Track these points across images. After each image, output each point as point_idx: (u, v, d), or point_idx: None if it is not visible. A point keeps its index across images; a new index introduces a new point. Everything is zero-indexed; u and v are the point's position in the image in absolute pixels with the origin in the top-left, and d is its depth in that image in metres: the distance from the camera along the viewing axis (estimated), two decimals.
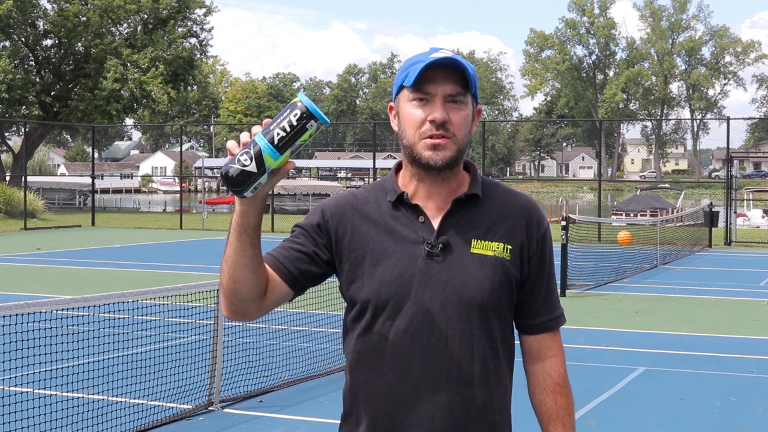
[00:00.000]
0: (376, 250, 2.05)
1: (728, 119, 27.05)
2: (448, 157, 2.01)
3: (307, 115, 1.82)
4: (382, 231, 2.06)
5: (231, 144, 1.87)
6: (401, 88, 2.06)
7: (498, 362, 2.07)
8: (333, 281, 2.19)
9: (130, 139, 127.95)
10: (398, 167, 2.14)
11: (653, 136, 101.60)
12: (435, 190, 2.07)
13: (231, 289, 1.98)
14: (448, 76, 2.00)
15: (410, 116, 2.03)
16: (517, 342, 2.20)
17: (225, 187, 1.87)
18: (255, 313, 2.05)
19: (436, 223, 2.05)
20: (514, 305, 2.13)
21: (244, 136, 1.87)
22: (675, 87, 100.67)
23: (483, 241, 2.04)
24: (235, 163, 1.81)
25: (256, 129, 1.87)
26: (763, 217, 32.69)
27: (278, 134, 1.82)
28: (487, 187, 2.11)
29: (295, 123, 1.82)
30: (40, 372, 6.20)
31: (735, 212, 26.00)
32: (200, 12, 45.40)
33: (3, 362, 5.92)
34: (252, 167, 1.80)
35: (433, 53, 2.02)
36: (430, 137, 2.00)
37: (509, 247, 2.06)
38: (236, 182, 1.81)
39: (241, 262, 1.94)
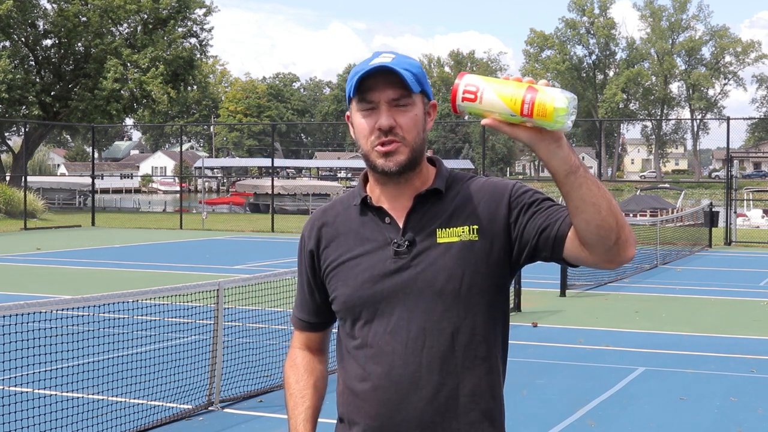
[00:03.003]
0: (347, 258, 2.10)
1: (728, 119, 27.05)
2: (401, 162, 2.03)
3: None
4: (351, 239, 2.11)
5: None
6: (351, 98, 2.08)
7: (486, 347, 2.06)
8: None
9: (130, 139, 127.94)
10: (366, 177, 2.17)
11: (653, 136, 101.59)
12: (400, 191, 2.09)
13: None
14: (388, 81, 2.01)
15: (360, 126, 2.05)
16: (516, 341, 2.19)
17: None
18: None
19: (401, 222, 2.07)
20: (504, 284, 2.10)
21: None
22: (675, 87, 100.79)
23: (447, 229, 2.05)
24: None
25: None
26: (763, 217, 32.68)
27: None
28: (453, 181, 2.12)
29: None
30: (40, 372, 6.20)
31: (735, 212, 25.99)
32: (200, 12, 45.43)
33: (3, 362, 5.92)
34: None
35: (374, 59, 2.04)
36: (381, 144, 2.02)
37: (475, 227, 2.04)
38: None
39: None
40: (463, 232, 2.04)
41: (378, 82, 2.01)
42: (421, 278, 2.03)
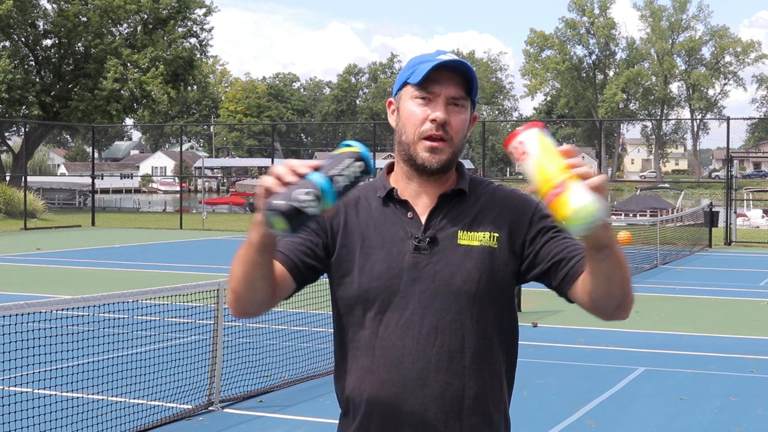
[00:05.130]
0: (366, 245, 2.08)
1: (728, 119, 27.07)
2: (443, 161, 2.05)
3: (366, 171, 1.81)
4: (372, 227, 2.10)
5: (271, 181, 1.76)
6: (404, 84, 2.09)
7: (492, 353, 2.07)
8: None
9: (130, 139, 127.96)
10: (389, 168, 2.18)
11: (653, 136, 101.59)
12: (424, 189, 2.10)
13: (248, 298, 2.00)
14: (453, 79, 2.04)
15: (412, 114, 2.06)
16: (523, 341, 2.19)
17: (277, 225, 1.72)
18: (265, 311, 2.08)
19: (423, 219, 2.08)
20: (512, 295, 2.14)
21: (289, 173, 1.76)
22: (675, 87, 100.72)
23: (469, 232, 2.06)
24: (292, 200, 1.72)
25: (306, 169, 1.76)
26: (763, 217, 32.67)
27: (344, 183, 1.78)
28: (474, 183, 2.15)
29: (359, 175, 1.80)
30: (40, 372, 6.20)
31: (735, 212, 26.00)
32: (200, 12, 45.44)
33: (3, 362, 5.92)
34: (313, 208, 1.73)
35: (441, 55, 2.05)
36: (430, 138, 2.04)
37: (496, 235, 2.07)
38: (290, 218, 1.73)
39: (260, 275, 1.95)
40: (484, 237, 2.06)
41: (443, 77, 2.04)
42: (439, 277, 2.04)
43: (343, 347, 2.13)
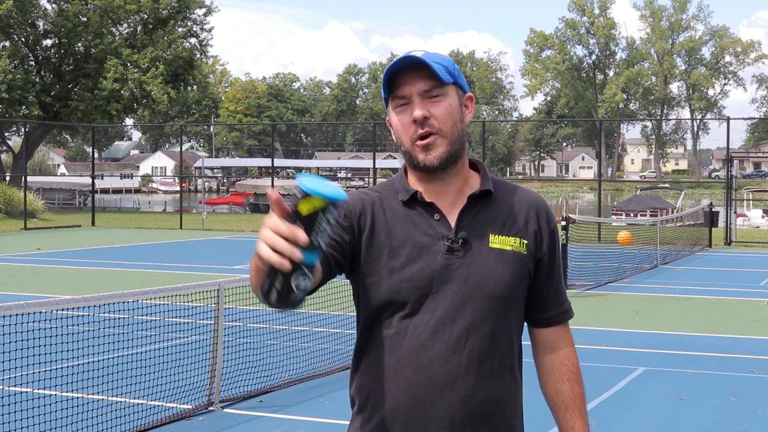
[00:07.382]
0: (395, 246, 2.05)
1: (728, 119, 27.05)
2: (441, 154, 2.02)
3: (336, 207, 1.63)
4: (399, 228, 2.06)
5: (263, 261, 1.61)
6: (387, 101, 2.10)
7: (512, 356, 2.10)
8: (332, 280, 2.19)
9: (130, 139, 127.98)
10: (406, 168, 2.15)
11: (653, 136, 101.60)
12: (443, 188, 2.08)
13: None
14: (418, 74, 2.02)
15: (397, 124, 2.06)
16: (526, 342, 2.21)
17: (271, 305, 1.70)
18: None
19: (452, 220, 2.06)
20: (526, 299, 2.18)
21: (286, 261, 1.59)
22: (675, 87, 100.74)
23: (500, 236, 2.07)
24: (297, 291, 1.64)
25: (298, 253, 1.57)
26: (763, 217, 32.68)
27: (326, 236, 1.64)
28: (497, 184, 2.14)
29: (334, 220, 1.63)
30: (40, 372, 6.20)
31: (735, 212, 26.00)
32: (200, 12, 45.44)
33: (3, 362, 5.92)
34: (309, 282, 1.67)
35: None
36: (420, 138, 2.02)
37: (525, 242, 2.09)
38: (297, 303, 1.69)
39: None
40: (514, 242, 2.07)
41: (408, 76, 2.02)
42: (471, 279, 2.03)
43: (368, 346, 2.09)
